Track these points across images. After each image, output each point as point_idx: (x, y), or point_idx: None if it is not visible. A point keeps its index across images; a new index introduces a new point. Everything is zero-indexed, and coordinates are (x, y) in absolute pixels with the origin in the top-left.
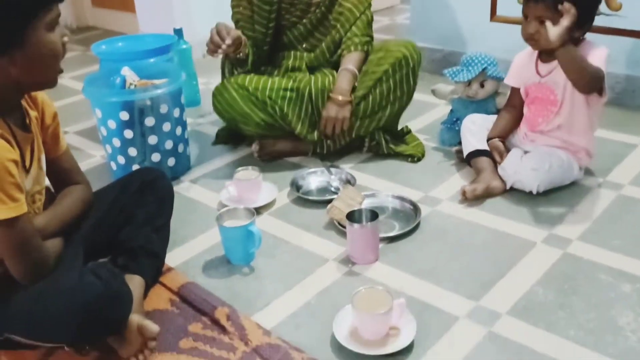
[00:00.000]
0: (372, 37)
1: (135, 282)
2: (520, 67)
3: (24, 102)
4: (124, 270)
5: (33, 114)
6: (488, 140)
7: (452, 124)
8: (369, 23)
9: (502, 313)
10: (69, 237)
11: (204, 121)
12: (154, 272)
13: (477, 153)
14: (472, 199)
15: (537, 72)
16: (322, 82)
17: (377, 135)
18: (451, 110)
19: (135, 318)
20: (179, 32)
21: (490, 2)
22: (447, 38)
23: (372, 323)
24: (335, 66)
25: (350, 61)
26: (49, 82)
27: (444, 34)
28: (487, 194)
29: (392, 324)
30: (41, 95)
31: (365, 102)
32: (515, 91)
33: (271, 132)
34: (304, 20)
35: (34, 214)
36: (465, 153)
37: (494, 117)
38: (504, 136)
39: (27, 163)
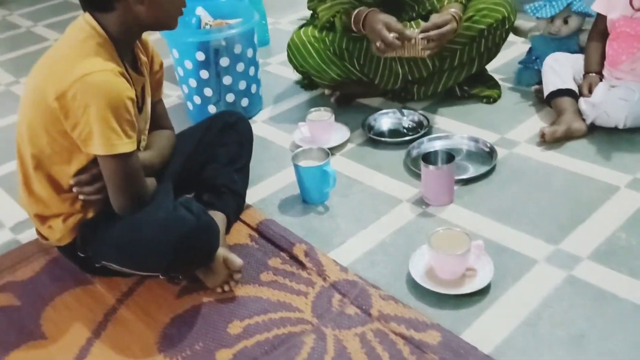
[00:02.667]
0: None
1: (218, 218)
2: None
3: (135, 48)
4: (208, 206)
5: (143, 58)
6: (586, 74)
7: (531, 63)
8: None
9: (582, 257)
10: (160, 174)
11: (273, 61)
12: (235, 209)
13: (559, 93)
14: (552, 141)
15: (631, 4)
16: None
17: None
18: (530, 49)
19: (221, 251)
20: None
21: None
22: None
23: (450, 263)
24: (425, 19)
25: (454, 10)
26: (172, 21)
27: None
28: (568, 136)
29: (469, 265)
30: (151, 44)
31: (459, 54)
32: (603, 18)
33: (347, 81)
34: None
35: (139, 150)
36: (545, 93)
37: (577, 56)
38: (601, 71)
39: (139, 103)
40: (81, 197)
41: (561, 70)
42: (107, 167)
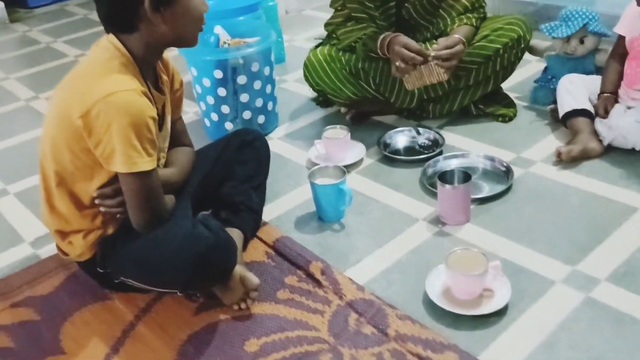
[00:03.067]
0: (484, 10)
1: (235, 235)
2: (634, 17)
3: (157, 67)
4: (226, 223)
5: (164, 77)
6: (600, 94)
7: (547, 82)
8: None
9: (600, 279)
10: (178, 191)
11: (289, 78)
12: (252, 226)
13: (575, 113)
14: (568, 160)
15: None
16: None
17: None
18: (546, 68)
19: (238, 269)
20: None
21: None
22: None
23: (467, 284)
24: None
25: (460, 32)
26: (192, 40)
27: None
28: (584, 156)
29: (487, 286)
30: (172, 63)
31: (475, 73)
32: (624, 40)
33: (362, 99)
34: None
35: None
36: (561, 113)
37: (592, 77)
38: (616, 92)
39: (160, 121)
40: (102, 209)
41: (576, 91)
42: (128, 184)
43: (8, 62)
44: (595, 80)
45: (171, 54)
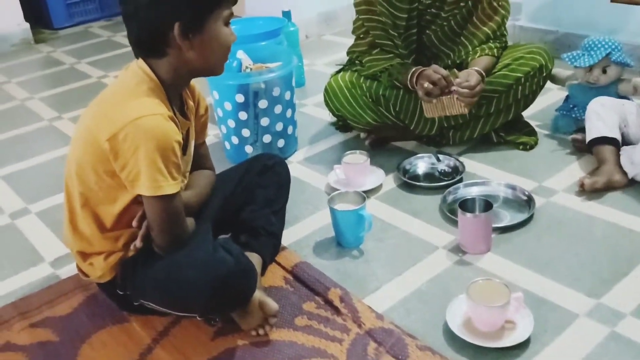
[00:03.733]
0: (506, 39)
1: (255, 260)
2: None
3: (183, 93)
4: (245, 247)
5: (190, 103)
6: None
7: (569, 111)
8: (505, 19)
9: (625, 313)
10: (199, 214)
11: (309, 102)
12: (272, 251)
13: (603, 140)
14: (591, 191)
15: None
16: None
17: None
18: (567, 96)
19: (257, 294)
20: (287, 15)
21: None
22: (561, 19)
23: (488, 315)
24: (459, 67)
25: (480, 64)
26: (218, 68)
27: (559, 14)
28: (608, 187)
29: (509, 318)
30: (198, 89)
31: (496, 102)
32: None
33: (382, 125)
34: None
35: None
36: (588, 137)
37: (624, 102)
38: None
39: (184, 145)
40: (139, 244)
41: (607, 116)
42: (152, 207)
43: (33, 82)
44: (627, 106)
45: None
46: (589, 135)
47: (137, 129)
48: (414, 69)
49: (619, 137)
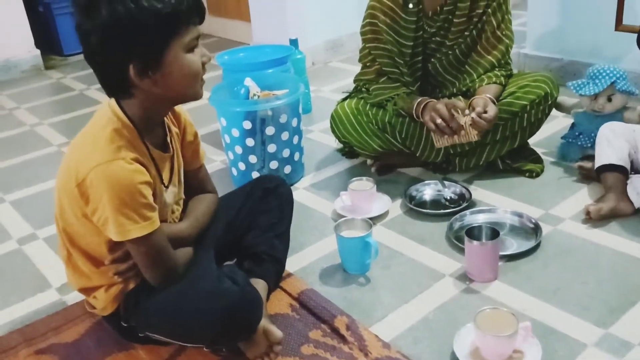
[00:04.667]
0: (510, 67)
1: (260, 286)
2: None
3: (167, 120)
4: (249, 274)
5: (174, 130)
6: None
7: (574, 139)
8: (509, 48)
9: (634, 343)
10: (201, 241)
11: (315, 128)
12: (275, 277)
13: (611, 167)
14: (597, 219)
15: None
16: None
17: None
18: (573, 124)
19: (262, 322)
20: (294, 43)
21: (615, 9)
22: (566, 47)
23: (496, 345)
24: (464, 95)
25: (489, 91)
26: (191, 96)
27: (563, 42)
28: (614, 215)
29: (516, 347)
30: (184, 115)
31: (502, 129)
32: None
33: (388, 151)
34: (450, 44)
35: (172, 222)
36: (597, 163)
37: (635, 127)
38: None
39: (166, 180)
40: (117, 278)
41: (617, 143)
42: (131, 249)
43: (42, 107)
44: (639, 132)
45: (202, 104)
46: (598, 161)
47: (100, 175)
48: (419, 100)
49: (627, 165)
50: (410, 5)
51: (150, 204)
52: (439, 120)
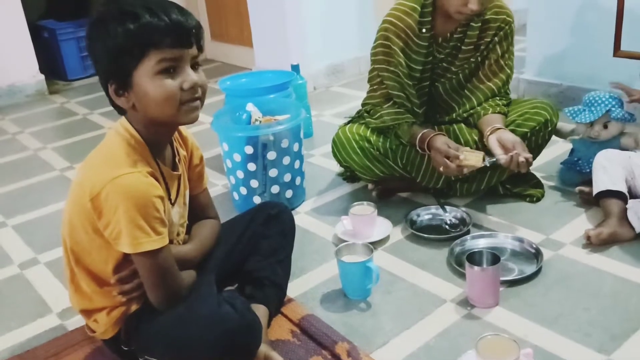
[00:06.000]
0: (509, 97)
1: (260, 312)
2: None
3: (175, 143)
4: (250, 299)
5: (182, 153)
6: None
7: (573, 164)
8: (509, 79)
9: None
10: (202, 265)
11: (316, 152)
12: (277, 302)
13: (608, 193)
14: (598, 243)
15: None
16: (447, 132)
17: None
18: (572, 150)
19: (262, 348)
20: (296, 68)
21: (613, 35)
22: (565, 72)
23: None
24: (465, 121)
25: (497, 121)
26: (169, 119)
27: (562, 68)
28: (614, 240)
29: None
30: (191, 138)
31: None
32: None
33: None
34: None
35: (177, 244)
36: (595, 190)
37: (630, 154)
38: None
39: (173, 198)
40: (122, 298)
41: (612, 169)
42: (139, 264)
43: (45, 132)
44: (634, 159)
45: (204, 128)
46: (596, 188)
47: (116, 187)
48: (421, 134)
49: (624, 190)
50: (424, 30)
51: (163, 219)
52: (453, 165)
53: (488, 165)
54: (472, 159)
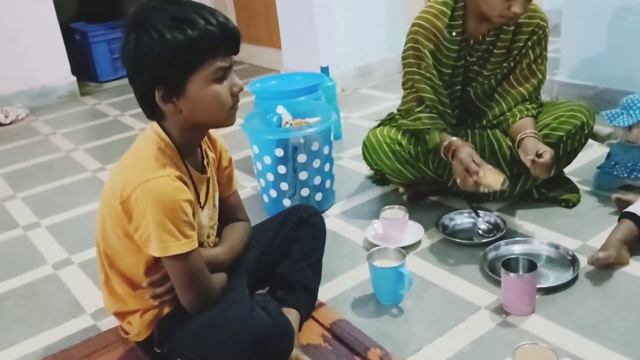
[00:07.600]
0: (540, 101)
1: (292, 316)
2: None
3: (204, 145)
4: (282, 303)
5: (211, 155)
6: None
7: (610, 168)
8: (541, 84)
9: None
10: (234, 268)
11: (345, 155)
12: (308, 306)
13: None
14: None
15: None
16: (480, 137)
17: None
18: (609, 154)
19: (294, 352)
20: (325, 70)
21: None
22: (600, 74)
23: None
24: (496, 127)
25: (527, 127)
26: (220, 122)
27: (597, 70)
28: (617, 263)
29: None
30: (220, 140)
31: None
32: None
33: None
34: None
35: (207, 247)
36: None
37: None
38: None
39: (202, 201)
40: (155, 302)
41: None
42: (169, 267)
43: (77, 133)
44: None
45: (234, 130)
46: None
47: (145, 191)
48: (448, 142)
49: None
50: (454, 33)
51: (191, 222)
52: (462, 179)
53: (506, 189)
54: (491, 179)
